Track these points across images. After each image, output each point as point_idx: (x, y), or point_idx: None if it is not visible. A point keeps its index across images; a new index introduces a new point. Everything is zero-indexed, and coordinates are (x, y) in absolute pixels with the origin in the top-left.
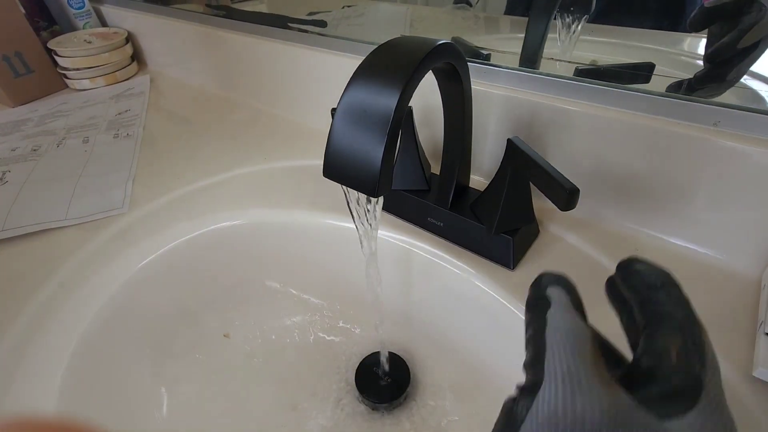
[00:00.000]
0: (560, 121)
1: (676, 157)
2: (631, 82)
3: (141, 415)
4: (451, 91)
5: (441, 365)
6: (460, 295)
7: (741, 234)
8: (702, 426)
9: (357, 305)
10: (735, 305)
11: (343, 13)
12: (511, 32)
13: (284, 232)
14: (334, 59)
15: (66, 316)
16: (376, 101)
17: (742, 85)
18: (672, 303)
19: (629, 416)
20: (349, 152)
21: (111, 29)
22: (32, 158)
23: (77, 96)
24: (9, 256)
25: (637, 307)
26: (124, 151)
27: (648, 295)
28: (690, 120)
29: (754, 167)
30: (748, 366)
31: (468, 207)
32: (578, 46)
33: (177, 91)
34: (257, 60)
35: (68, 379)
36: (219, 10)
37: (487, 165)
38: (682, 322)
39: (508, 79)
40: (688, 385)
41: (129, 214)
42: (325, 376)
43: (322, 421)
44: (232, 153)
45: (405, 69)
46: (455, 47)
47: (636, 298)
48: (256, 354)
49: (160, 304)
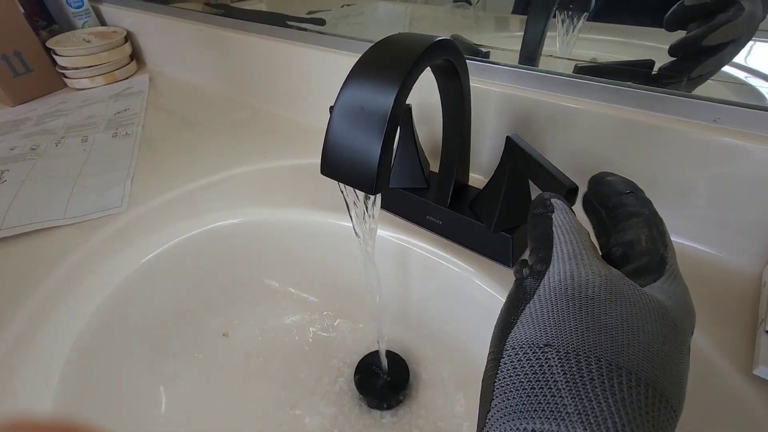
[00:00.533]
0: (560, 118)
1: (676, 154)
2: (630, 79)
3: (139, 414)
4: (449, 89)
5: (440, 363)
6: (459, 294)
7: (741, 231)
8: (667, 289)
9: (356, 304)
10: (735, 303)
11: (342, 12)
12: (511, 30)
13: (283, 231)
14: (333, 57)
15: (64, 314)
16: (373, 97)
17: (742, 82)
18: (639, 203)
19: (619, 282)
20: (347, 149)
21: (110, 28)
22: (31, 157)
23: (76, 95)
24: (7, 254)
25: (608, 212)
26: (123, 150)
27: (619, 199)
28: (690, 117)
29: (754, 164)
30: (748, 364)
31: (467, 205)
32: (578, 44)
33: (176, 90)
34: (256, 59)
35: (66, 377)
36: (218, 8)
37: (486, 163)
38: (647, 217)
39: (507, 77)
40: (656, 261)
41: (127, 213)
42: (324, 375)
43: (321, 420)
44: (231, 151)
45: (403, 65)
46: (453, 44)
47: (607, 203)
48: (254, 353)
49: (159, 303)
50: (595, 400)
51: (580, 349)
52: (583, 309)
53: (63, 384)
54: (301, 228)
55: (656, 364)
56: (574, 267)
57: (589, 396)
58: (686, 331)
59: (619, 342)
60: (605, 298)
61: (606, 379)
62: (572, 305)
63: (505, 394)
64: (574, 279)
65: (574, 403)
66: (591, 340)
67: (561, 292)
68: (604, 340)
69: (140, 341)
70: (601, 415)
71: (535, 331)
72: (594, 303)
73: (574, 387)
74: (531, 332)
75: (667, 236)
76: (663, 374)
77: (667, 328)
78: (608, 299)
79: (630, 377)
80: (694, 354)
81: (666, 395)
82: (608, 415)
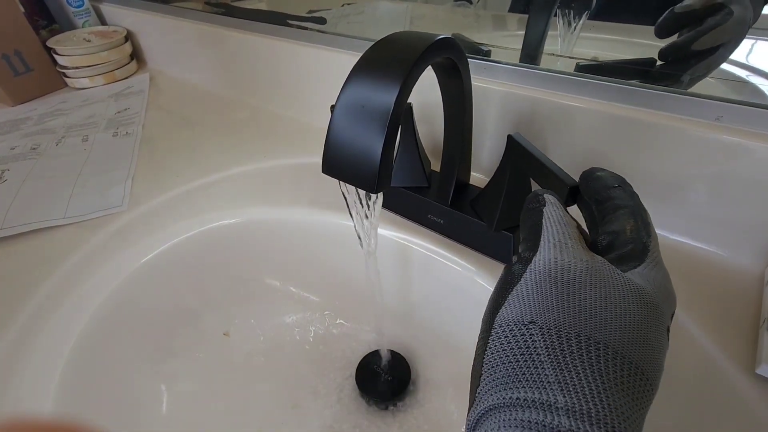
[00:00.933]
0: (561, 116)
1: (678, 152)
2: (632, 78)
3: (140, 413)
4: (451, 87)
5: (441, 362)
6: (461, 293)
7: (744, 230)
8: (648, 274)
9: (357, 303)
10: (737, 302)
11: (343, 11)
12: (512, 29)
13: (284, 230)
14: (334, 56)
15: (65, 314)
16: (375, 96)
17: (743, 80)
18: (626, 197)
19: (601, 267)
20: (349, 148)
21: (110, 28)
22: (31, 157)
23: (76, 94)
24: (8, 254)
25: (597, 204)
26: (124, 149)
27: (607, 193)
28: (692, 115)
29: (756, 162)
30: (750, 363)
31: (468, 204)
32: (579, 43)
33: (176, 89)
34: (257, 58)
35: (67, 376)
36: (218, 7)
37: (488, 162)
38: (633, 209)
39: (508, 75)
40: (639, 249)
41: (128, 212)
42: (325, 374)
43: (322, 419)
44: (232, 151)
45: (404, 63)
46: (455, 42)
47: (596, 197)
48: (255, 352)
49: (160, 302)
50: (574, 371)
51: (562, 325)
52: (565, 290)
53: (64, 383)
54: (303, 227)
55: (633, 341)
56: (558, 253)
57: (569, 367)
58: (665, 313)
59: (599, 320)
60: (587, 281)
61: (585, 353)
62: (556, 287)
63: (493, 368)
64: (558, 264)
65: (554, 373)
66: (572, 317)
67: (546, 275)
68: (584, 317)
69: (141, 341)
70: (579, 384)
71: (520, 310)
72: (576, 285)
73: (555, 359)
74: (517, 311)
75: (651, 227)
76: (639, 350)
77: (646, 308)
78: (590, 282)
79: (607, 351)
80: (696, 352)
81: (642, 369)
82: (585, 384)
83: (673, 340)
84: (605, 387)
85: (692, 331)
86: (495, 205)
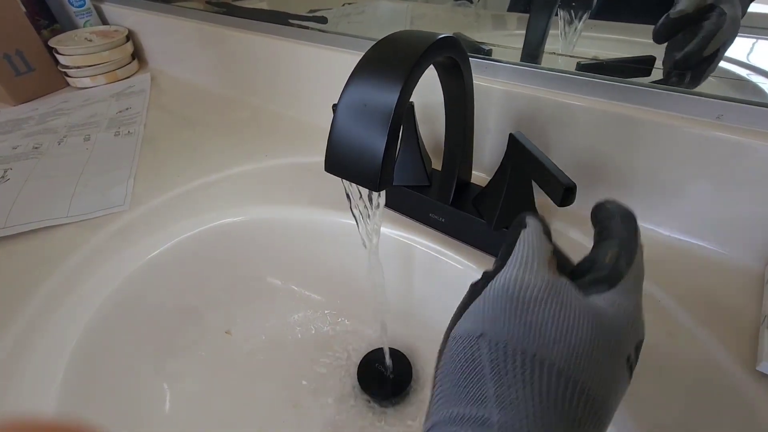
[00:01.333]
0: (562, 115)
1: (679, 150)
2: (632, 76)
3: (143, 412)
4: (452, 86)
5: None
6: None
7: (744, 228)
8: (614, 301)
9: (359, 302)
10: (738, 300)
11: (344, 11)
12: (512, 29)
13: (285, 229)
14: (335, 56)
15: (67, 313)
16: (377, 95)
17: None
18: (621, 228)
19: (561, 288)
20: (351, 146)
21: (111, 27)
22: (33, 156)
23: (78, 94)
24: (11, 253)
25: (597, 231)
26: (125, 149)
27: (606, 222)
28: (693, 114)
29: (757, 161)
30: (751, 360)
31: (469, 202)
32: (580, 42)
33: (177, 88)
34: (258, 57)
35: (70, 375)
36: (219, 7)
37: (489, 160)
38: (623, 240)
39: (509, 74)
40: (612, 276)
41: (130, 211)
42: (327, 373)
43: (323, 418)
44: (233, 150)
45: (406, 62)
46: (457, 41)
47: (598, 225)
48: (257, 351)
49: (162, 301)
50: (514, 387)
51: (509, 341)
52: (519, 307)
53: (66, 383)
54: (304, 226)
55: (581, 362)
56: (520, 272)
57: (510, 383)
58: (626, 340)
59: (547, 338)
60: (543, 300)
61: (528, 369)
62: (510, 303)
63: (442, 382)
64: (517, 282)
65: (495, 388)
66: (520, 333)
67: (503, 292)
68: (533, 334)
69: (143, 339)
70: (517, 401)
71: (473, 324)
72: (531, 303)
73: (497, 374)
74: (470, 324)
75: (638, 259)
76: (587, 372)
77: (602, 331)
78: (545, 300)
79: (552, 369)
80: (697, 350)
81: (588, 390)
82: (522, 401)
83: (675, 338)
84: (543, 406)
85: (693, 328)
86: (496, 204)
